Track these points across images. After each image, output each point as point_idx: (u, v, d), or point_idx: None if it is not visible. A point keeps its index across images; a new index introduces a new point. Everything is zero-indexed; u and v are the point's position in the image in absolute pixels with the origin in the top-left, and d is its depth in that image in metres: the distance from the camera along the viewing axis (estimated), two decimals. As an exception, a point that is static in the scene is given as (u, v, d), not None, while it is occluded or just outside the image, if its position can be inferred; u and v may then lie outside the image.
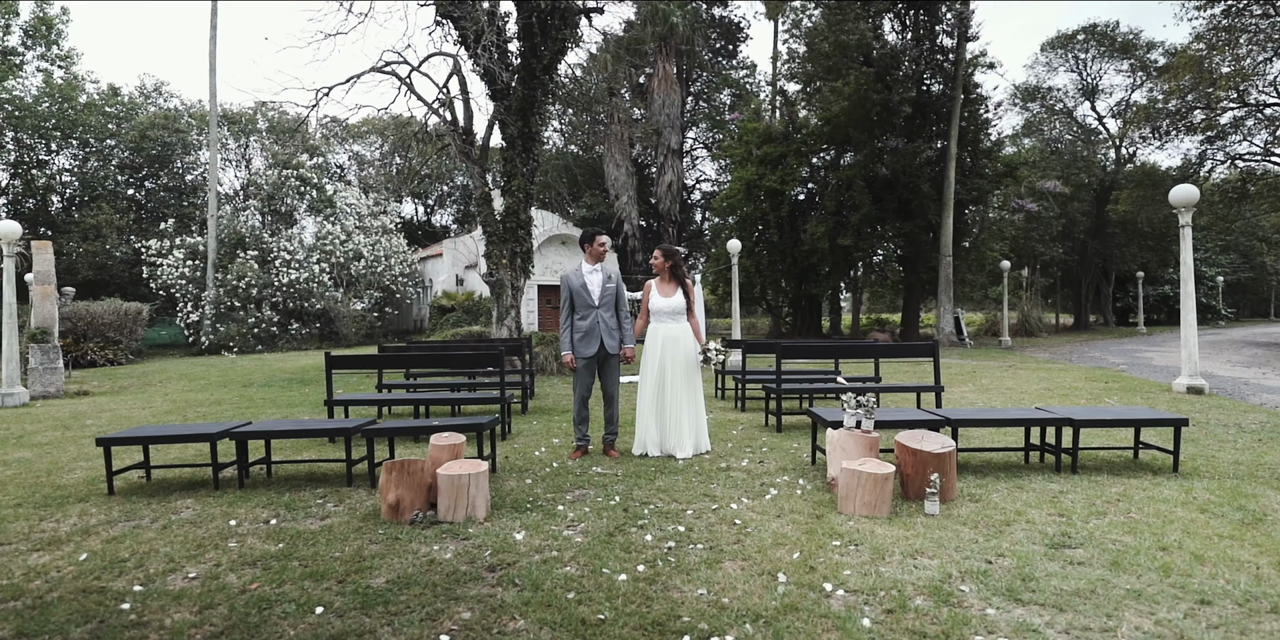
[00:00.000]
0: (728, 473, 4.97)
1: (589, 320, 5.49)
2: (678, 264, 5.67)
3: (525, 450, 5.87)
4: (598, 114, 26.47)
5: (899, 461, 4.33)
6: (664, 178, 28.93)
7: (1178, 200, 8.76)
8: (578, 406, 5.61)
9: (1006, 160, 20.46)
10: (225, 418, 8.12)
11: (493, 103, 12.86)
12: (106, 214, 26.11)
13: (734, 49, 34.65)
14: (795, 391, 6.81)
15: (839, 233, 20.30)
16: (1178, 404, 8.16)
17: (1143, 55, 30.27)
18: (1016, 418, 4.95)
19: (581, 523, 3.88)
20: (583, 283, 5.53)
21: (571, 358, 5.51)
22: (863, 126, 19.48)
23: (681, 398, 5.50)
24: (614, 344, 5.54)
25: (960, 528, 3.74)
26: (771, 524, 3.82)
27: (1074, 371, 12.53)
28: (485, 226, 13.02)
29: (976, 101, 20.13)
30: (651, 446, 5.53)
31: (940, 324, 19.45)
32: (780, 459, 5.43)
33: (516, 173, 12.61)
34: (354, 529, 3.84)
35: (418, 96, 13.21)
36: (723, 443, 6.09)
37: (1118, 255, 30.30)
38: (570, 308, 5.56)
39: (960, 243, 20.55)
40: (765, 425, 6.99)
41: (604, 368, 5.60)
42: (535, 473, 5.04)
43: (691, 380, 5.58)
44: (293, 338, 22.79)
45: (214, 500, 4.48)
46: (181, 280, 22.67)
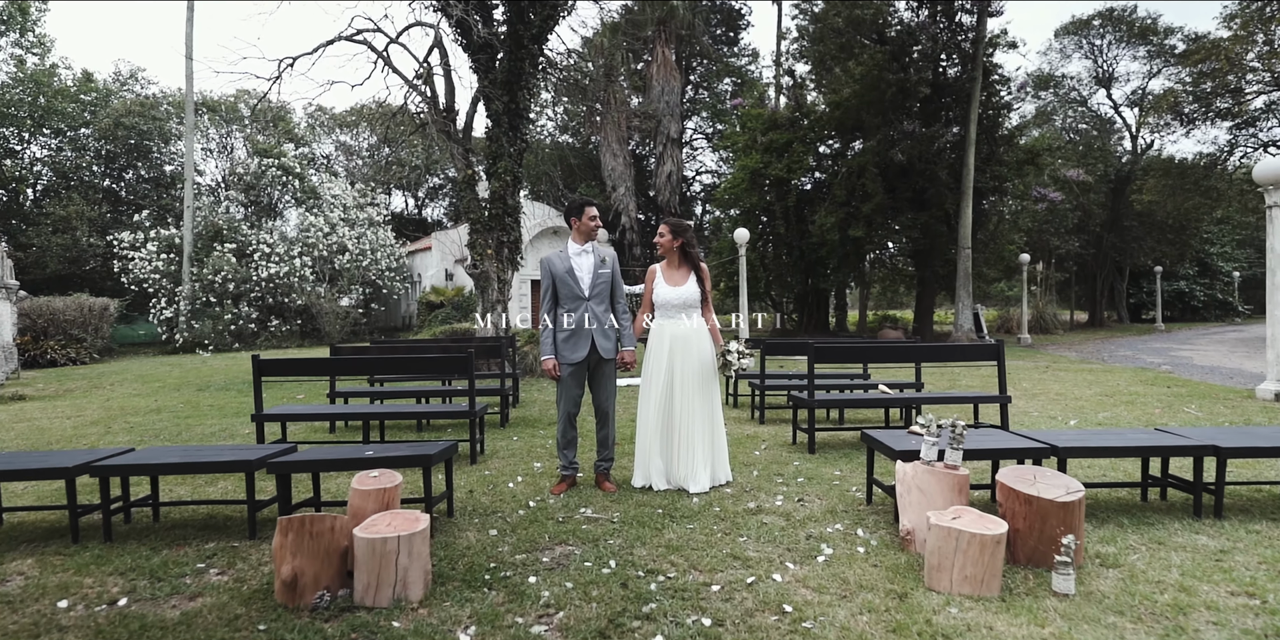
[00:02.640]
0: (759, 517, 3.76)
1: (577, 315, 4.29)
2: (689, 243, 4.46)
3: (497, 480, 4.66)
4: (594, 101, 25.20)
5: (1004, 511, 3.13)
6: (663, 168, 27.70)
7: (1265, 177, 7.52)
8: (563, 426, 4.40)
9: (1028, 146, 19.20)
10: (156, 431, 6.90)
11: (476, 77, 11.64)
12: (78, 205, 24.79)
13: (735, 36, 33.44)
14: (828, 403, 5.61)
15: (850, 224, 19.06)
16: (1270, 414, 6.97)
17: (1161, 41, 29.02)
18: (1144, 445, 3.74)
19: (560, 609, 2.68)
20: (569, 267, 4.32)
21: (554, 364, 4.30)
22: (876, 110, 18.23)
23: (695, 415, 4.29)
24: (609, 346, 4.34)
25: (1116, 618, 2.54)
26: (836, 611, 2.62)
27: (1119, 373, 11.34)
28: (468, 213, 11.78)
29: (997, 83, 18.88)
30: (657, 477, 4.33)
31: (958, 320, 18.24)
32: (823, 493, 4.23)
33: (503, 153, 11.37)
34: (228, 619, 2.64)
35: (395, 71, 11.97)
36: (744, 469, 4.89)
37: (1135, 249, 29.10)
38: (553, 299, 4.35)
39: (976, 234, 19.33)
40: (793, 443, 5.78)
41: (595, 376, 4.40)
42: (505, 517, 3.83)
43: (708, 392, 4.37)
44: (272, 335, 21.58)
45: (62, 561, 3.28)
46: (155, 275, 21.44)
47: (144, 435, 6.65)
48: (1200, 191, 22.88)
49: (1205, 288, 35.00)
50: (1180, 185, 23.26)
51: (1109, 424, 6.56)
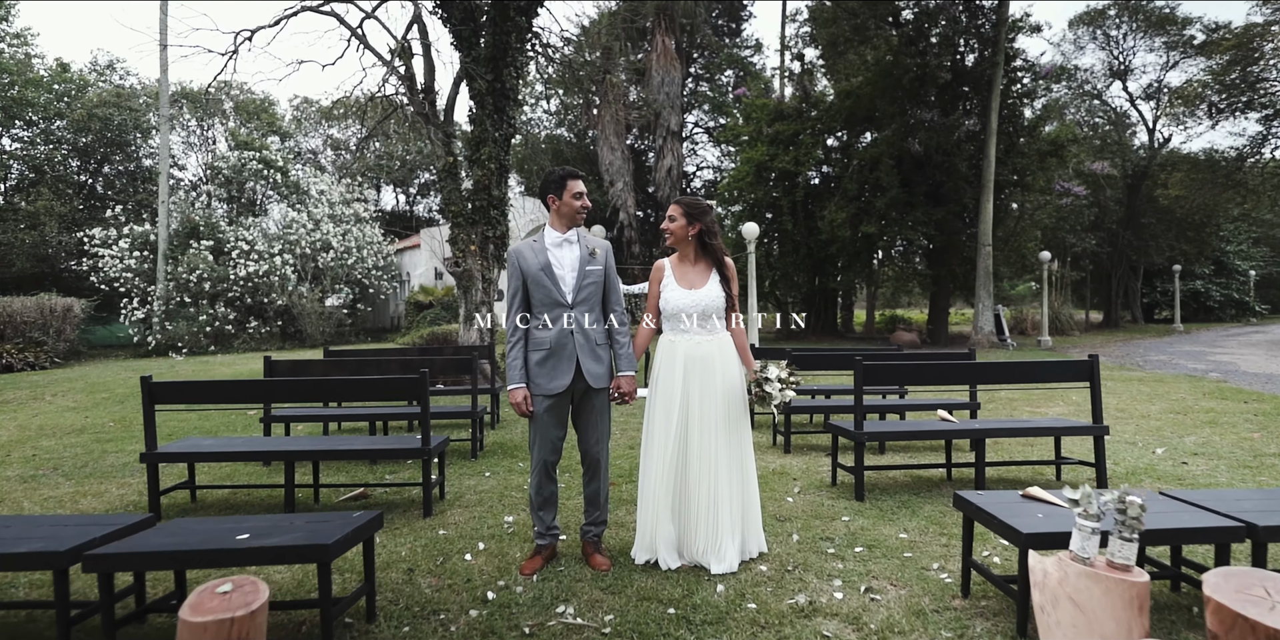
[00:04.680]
0: (814, 624, 2.61)
1: (557, 329, 3.13)
2: (709, 229, 3.29)
3: (452, 547, 3.50)
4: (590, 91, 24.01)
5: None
6: (663, 162, 26.54)
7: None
8: (538, 480, 3.22)
9: (1051, 137, 18.05)
10: (58, 461, 5.73)
11: (459, 54, 10.47)
12: (46, 200, 23.57)
13: (737, 28, 32.30)
14: (880, 435, 4.46)
15: (862, 219, 17.92)
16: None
17: (1180, 31, 27.89)
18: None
19: None
20: (545, 262, 3.16)
21: (525, 396, 3.14)
22: (891, 98, 17.07)
23: (719, 465, 3.14)
24: (600, 371, 3.18)
25: None
26: None
27: (1172, 383, 10.19)
28: (450, 206, 10.62)
29: (1019, 70, 17.72)
30: (666, 551, 3.17)
31: (978, 322, 17.09)
32: (895, 576, 3.07)
33: (487, 138, 10.20)
34: None
35: (368, 48, 10.82)
36: (779, 528, 3.73)
37: (1152, 247, 27.98)
38: (523, 306, 3.20)
39: (995, 231, 18.18)
40: (833, 484, 4.64)
41: (582, 412, 3.24)
42: (449, 624, 2.68)
43: (735, 434, 3.21)
44: (251, 337, 20.42)
45: None
46: (128, 274, 20.27)
47: (39, 468, 5.49)
48: (1232, 185, 21.76)
49: (1221, 287, 33.90)
50: (1211, 179, 22.10)
51: (1207, 454, 5.43)
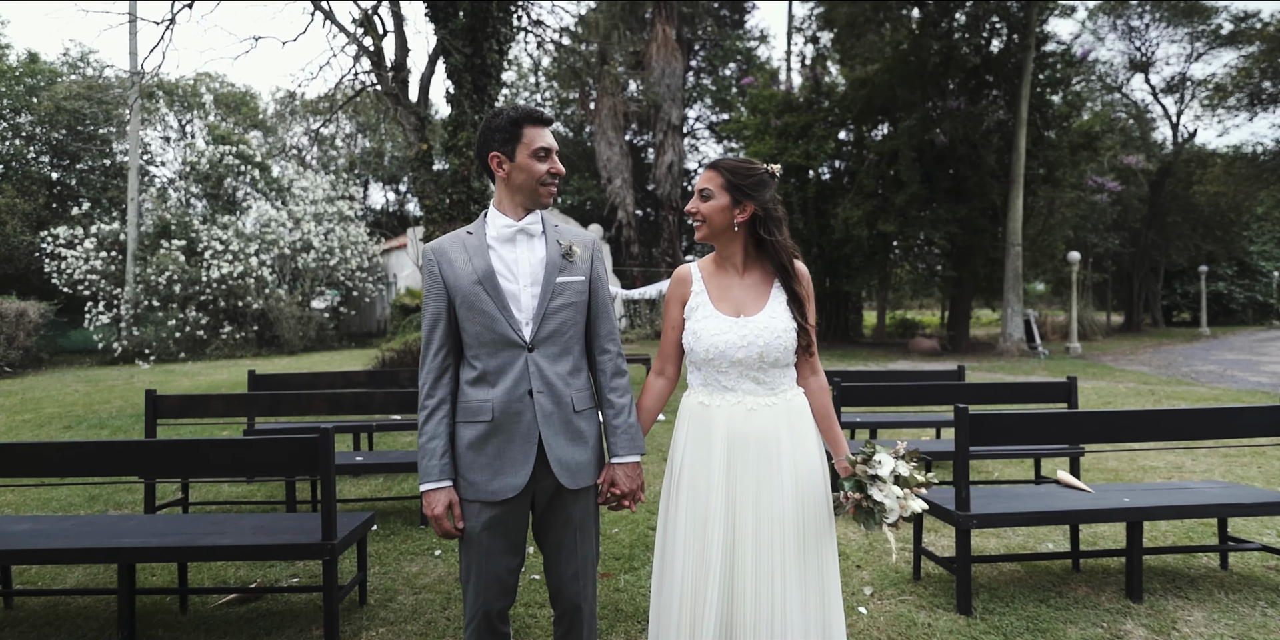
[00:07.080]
0: None
1: (505, 386, 1.78)
2: (770, 213, 1.93)
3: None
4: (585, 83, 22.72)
5: None
6: (663, 158, 25.22)
7: None
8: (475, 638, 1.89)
9: (1084, 128, 16.73)
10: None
11: (434, 26, 9.16)
12: (8, 197, 22.22)
13: (740, 19, 31.01)
14: (992, 519, 3.13)
15: (879, 217, 16.60)
16: None
17: (1206, 20, 26.60)
18: None
19: None
20: (486, 269, 1.80)
21: (452, 503, 1.79)
22: (914, 84, 15.72)
23: (791, 618, 1.82)
24: (581, 459, 1.83)
25: None
26: None
27: (1244, 400, 8.88)
28: (424, 199, 9.30)
29: (1050, 56, 16.39)
30: None
31: (1007, 328, 15.75)
32: None
33: (465, 121, 8.87)
34: None
35: (332, 20, 9.49)
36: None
37: (1176, 247, 26.68)
38: (447, 343, 1.85)
39: (1024, 230, 16.86)
40: (915, 578, 3.32)
41: (549, 528, 1.88)
42: None
43: (816, 568, 1.88)
44: (225, 343, 19.09)
45: None
46: (93, 275, 18.96)
47: None
48: (1277, 178, 20.50)
49: (1244, 289, 32.61)
50: (1257, 173, 20.79)
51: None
